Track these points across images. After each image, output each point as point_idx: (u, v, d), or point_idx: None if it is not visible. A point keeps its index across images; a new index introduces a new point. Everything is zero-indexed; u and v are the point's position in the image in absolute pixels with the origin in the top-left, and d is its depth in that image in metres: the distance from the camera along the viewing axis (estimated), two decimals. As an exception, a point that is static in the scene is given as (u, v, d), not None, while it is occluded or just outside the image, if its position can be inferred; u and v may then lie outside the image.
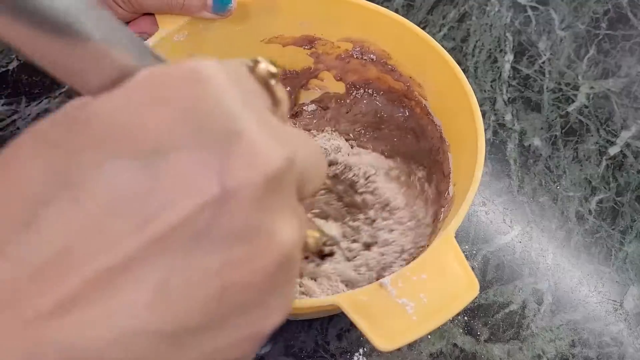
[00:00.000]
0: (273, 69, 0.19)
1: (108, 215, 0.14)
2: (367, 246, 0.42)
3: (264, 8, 0.43)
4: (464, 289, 0.29)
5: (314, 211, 0.44)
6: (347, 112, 0.50)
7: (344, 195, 0.45)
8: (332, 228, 0.43)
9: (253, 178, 0.15)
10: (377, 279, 0.39)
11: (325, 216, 0.44)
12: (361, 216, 0.44)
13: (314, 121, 0.50)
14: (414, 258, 0.39)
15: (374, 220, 0.43)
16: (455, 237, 0.31)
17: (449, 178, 0.41)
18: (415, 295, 0.29)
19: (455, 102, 0.40)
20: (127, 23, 0.40)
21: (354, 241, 0.42)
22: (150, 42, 0.39)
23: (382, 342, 0.27)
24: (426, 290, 0.29)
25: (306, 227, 0.19)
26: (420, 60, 0.43)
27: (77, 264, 0.14)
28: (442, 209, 0.40)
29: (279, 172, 0.16)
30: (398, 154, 0.48)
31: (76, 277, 0.14)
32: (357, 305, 0.28)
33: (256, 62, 0.19)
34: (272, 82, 0.19)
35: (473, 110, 0.38)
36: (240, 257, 0.15)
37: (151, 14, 0.40)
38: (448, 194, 0.40)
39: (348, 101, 0.50)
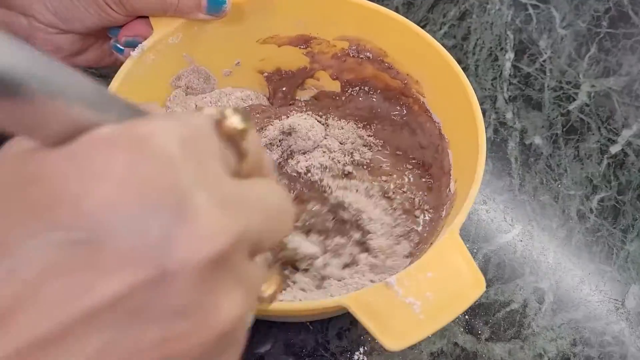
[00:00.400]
0: (240, 126, 0.18)
1: (43, 287, 0.14)
2: (345, 266, 0.41)
3: (259, 8, 0.43)
4: (470, 286, 0.29)
5: (296, 224, 0.42)
6: (340, 107, 0.49)
7: (334, 210, 0.44)
8: (313, 244, 0.42)
9: (194, 259, 0.15)
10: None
11: (308, 229, 0.42)
12: (349, 234, 0.43)
13: (305, 109, 0.50)
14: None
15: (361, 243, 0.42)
16: (458, 234, 0.31)
17: (450, 175, 0.41)
18: (421, 294, 0.28)
19: (454, 98, 0.40)
20: (121, 27, 0.40)
21: (335, 257, 0.42)
22: (145, 45, 0.39)
23: (391, 342, 0.27)
24: (432, 289, 0.29)
25: (257, 289, 0.19)
26: (418, 57, 0.43)
27: (11, 332, 0.13)
28: (444, 206, 0.39)
29: (222, 252, 0.15)
30: (389, 145, 0.47)
31: (7, 345, 0.13)
32: (364, 306, 0.28)
33: (223, 117, 0.18)
34: (240, 135, 0.18)
35: (472, 106, 0.38)
36: (180, 333, 0.15)
37: (145, 17, 0.40)
38: (450, 190, 0.40)
39: (344, 98, 0.50)
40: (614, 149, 0.54)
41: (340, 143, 0.46)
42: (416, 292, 0.28)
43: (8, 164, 0.16)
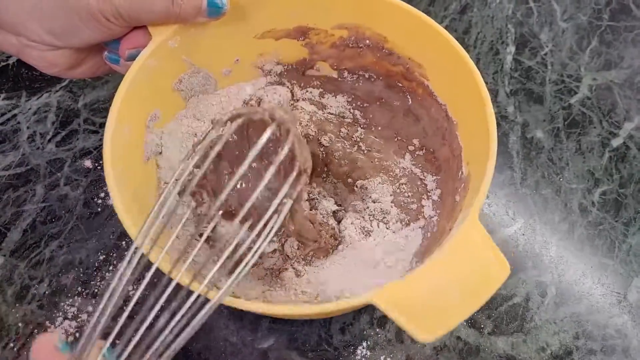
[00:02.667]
0: None
1: None
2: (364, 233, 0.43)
3: (254, 2, 0.43)
4: (496, 270, 0.29)
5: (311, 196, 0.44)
6: (338, 88, 0.50)
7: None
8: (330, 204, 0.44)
9: None
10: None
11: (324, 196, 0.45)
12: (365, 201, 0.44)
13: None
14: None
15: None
16: (460, 229, 0.31)
17: (460, 158, 0.40)
18: (448, 283, 0.28)
19: (458, 79, 0.39)
20: (120, 39, 0.40)
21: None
22: (146, 51, 0.38)
23: (423, 334, 0.27)
24: (459, 276, 0.29)
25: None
26: (419, 40, 0.42)
27: None
28: (458, 190, 0.39)
29: None
30: (391, 128, 0.48)
31: None
32: (391, 301, 0.28)
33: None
34: None
35: (478, 85, 0.37)
36: None
37: (142, 27, 0.40)
38: (462, 173, 0.40)
39: (340, 80, 0.50)
40: (616, 142, 0.54)
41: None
42: (443, 281, 0.28)
43: None
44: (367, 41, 0.46)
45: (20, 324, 0.42)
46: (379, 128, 0.48)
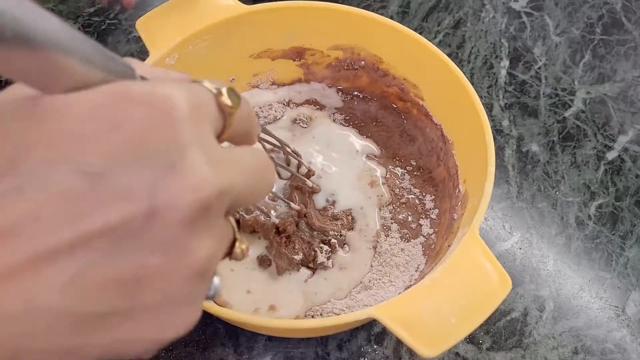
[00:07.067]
0: (231, 103, 0.21)
1: (46, 209, 0.16)
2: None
3: (251, 23, 0.43)
4: (497, 285, 0.29)
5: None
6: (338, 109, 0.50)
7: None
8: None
9: (179, 203, 0.17)
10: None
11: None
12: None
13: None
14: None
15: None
16: (457, 244, 0.31)
17: (457, 176, 0.40)
18: (450, 298, 0.28)
19: (454, 99, 0.40)
20: None
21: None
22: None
23: (425, 349, 0.27)
24: (461, 292, 0.29)
25: (227, 244, 0.21)
26: (414, 60, 0.43)
27: (10, 246, 0.15)
28: (455, 208, 0.39)
29: (205, 202, 0.18)
30: (385, 147, 0.48)
31: (5, 257, 0.15)
32: (394, 316, 0.28)
33: (219, 92, 0.21)
34: (229, 111, 0.21)
35: (474, 103, 0.37)
36: (154, 264, 0.17)
37: None
38: (459, 191, 0.39)
39: (342, 105, 0.50)
40: (611, 155, 0.54)
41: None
42: (445, 297, 0.28)
43: (21, 99, 0.17)
44: (363, 62, 0.46)
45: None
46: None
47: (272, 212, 0.42)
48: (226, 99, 0.21)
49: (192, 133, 0.18)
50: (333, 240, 0.42)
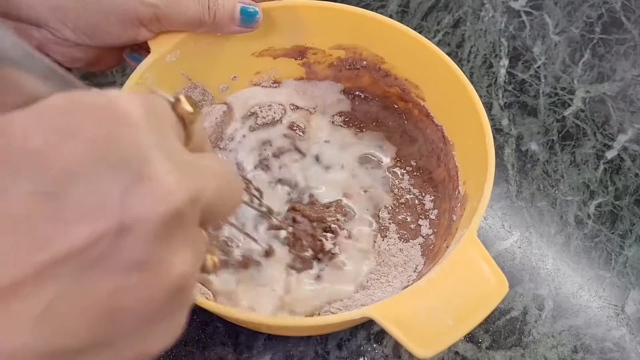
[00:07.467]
0: (191, 110, 0.20)
1: (3, 236, 0.14)
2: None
3: None
4: (494, 287, 0.29)
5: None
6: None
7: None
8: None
9: (151, 214, 0.16)
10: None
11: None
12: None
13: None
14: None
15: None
16: (457, 243, 0.31)
17: (457, 177, 0.40)
18: (447, 299, 0.28)
19: (455, 100, 0.40)
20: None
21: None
22: (145, 65, 0.38)
23: (420, 349, 0.27)
24: (458, 293, 0.29)
25: (203, 255, 0.20)
26: (416, 61, 0.43)
27: None
28: (455, 209, 0.39)
29: (178, 211, 0.16)
30: (385, 147, 0.48)
31: None
32: (390, 315, 0.28)
33: (177, 100, 0.20)
34: (190, 119, 0.20)
35: (475, 105, 0.37)
36: (131, 286, 0.16)
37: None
38: (459, 192, 0.40)
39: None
40: (610, 154, 0.54)
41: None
42: (442, 298, 0.28)
43: None
44: (365, 62, 0.46)
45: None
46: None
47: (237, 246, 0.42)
48: (186, 106, 0.20)
49: (154, 137, 0.16)
50: (333, 226, 0.42)
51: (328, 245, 0.41)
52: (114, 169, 0.15)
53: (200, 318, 0.42)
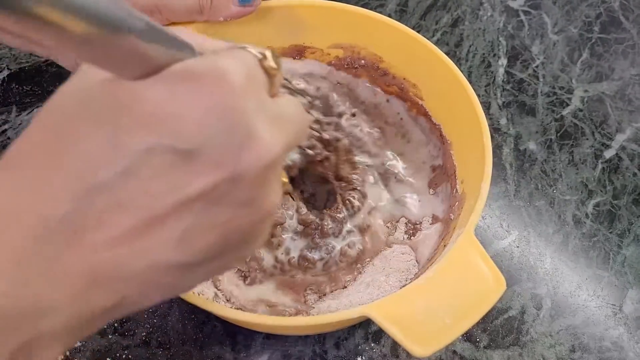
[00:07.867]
0: (274, 65, 0.23)
1: (152, 183, 0.19)
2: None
3: (251, 20, 0.43)
4: (491, 286, 0.29)
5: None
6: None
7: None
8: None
9: (256, 166, 0.20)
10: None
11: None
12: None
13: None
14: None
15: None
16: (454, 242, 0.31)
17: (455, 176, 0.40)
18: (444, 298, 0.28)
19: (453, 99, 0.40)
20: None
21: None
22: None
23: (418, 348, 0.27)
24: (455, 292, 0.29)
25: (284, 184, 0.26)
26: (414, 60, 0.43)
27: (127, 213, 0.19)
28: (452, 208, 0.39)
29: (274, 161, 0.21)
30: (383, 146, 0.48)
31: (126, 222, 0.19)
32: (387, 314, 0.28)
33: (264, 56, 0.23)
34: (273, 73, 0.23)
35: (473, 104, 0.37)
36: (241, 216, 0.21)
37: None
38: (456, 191, 0.40)
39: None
40: (608, 154, 0.54)
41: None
42: (439, 296, 0.28)
43: (98, 90, 0.19)
44: (363, 61, 0.46)
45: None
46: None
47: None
48: (271, 62, 0.23)
49: (254, 101, 0.20)
50: (359, 188, 0.44)
51: (356, 203, 0.43)
52: (229, 130, 0.19)
53: (198, 317, 0.42)
